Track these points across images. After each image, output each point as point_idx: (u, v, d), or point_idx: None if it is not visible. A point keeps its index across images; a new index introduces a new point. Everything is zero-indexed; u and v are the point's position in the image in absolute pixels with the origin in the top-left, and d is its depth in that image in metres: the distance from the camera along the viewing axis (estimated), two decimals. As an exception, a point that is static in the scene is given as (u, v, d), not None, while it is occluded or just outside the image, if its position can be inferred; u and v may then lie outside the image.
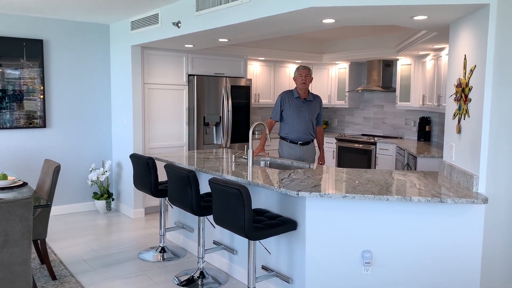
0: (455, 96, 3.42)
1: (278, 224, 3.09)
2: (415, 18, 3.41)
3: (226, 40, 4.84)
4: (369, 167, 6.89)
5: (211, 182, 3.14)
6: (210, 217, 3.98)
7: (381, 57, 6.99)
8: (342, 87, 7.76)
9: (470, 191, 2.99)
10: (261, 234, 2.98)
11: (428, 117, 6.77)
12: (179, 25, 4.49)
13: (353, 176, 3.47)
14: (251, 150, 3.96)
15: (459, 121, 3.37)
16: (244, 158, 4.29)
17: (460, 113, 3.36)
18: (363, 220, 3.04)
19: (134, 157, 4.28)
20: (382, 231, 3.04)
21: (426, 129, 6.74)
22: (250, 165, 3.94)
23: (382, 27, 6.09)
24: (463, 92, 3.27)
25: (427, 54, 6.05)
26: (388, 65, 7.27)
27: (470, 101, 3.18)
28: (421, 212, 2.98)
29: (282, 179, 3.31)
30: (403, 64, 6.79)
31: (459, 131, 3.30)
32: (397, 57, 6.76)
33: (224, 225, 3.13)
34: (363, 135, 7.61)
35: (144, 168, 4.13)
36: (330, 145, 7.48)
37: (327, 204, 3.06)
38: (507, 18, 2.83)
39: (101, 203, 5.93)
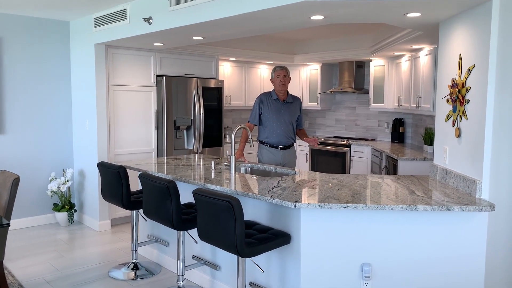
0: (449, 97, 3.28)
1: (271, 238, 2.82)
2: (408, 15, 3.25)
3: (201, 38, 4.52)
4: (343, 170, 6.75)
5: (196, 194, 2.83)
6: (191, 231, 3.64)
7: (353, 58, 6.87)
8: (314, 89, 7.59)
9: (472, 197, 2.84)
10: (254, 251, 2.69)
11: (402, 118, 6.71)
12: (151, 21, 4.14)
13: (345, 182, 3.25)
14: (233, 156, 3.66)
15: (454, 124, 3.23)
16: (226, 165, 3.98)
17: (455, 115, 3.21)
18: (362, 231, 2.83)
19: (102, 166, 3.88)
20: (382, 242, 2.83)
21: (400, 131, 6.68)
22: (233, 173, 3.64)
23: (355, 27, 5.95)
24: (459, 93, 3.13)
25: (403, 55, 5.97)
26: (360, 66, 7.17)
27: (467, 103, 3.03)
28: (424, 221, 2.80)
29: (272, 188, 3.04)
30: (376, 65, 6.70)
31: (459, 135, 3.14)
32: (370, 58, 6.66)
33: (211, 241, 2.82)
34: (335, 137, 7.48)
35: (114, 178, 3.74)
36: (303, 148, 7.29)
37: (324, 214, 2.82)
38: (511, 15, 2.69)
39: (63, 215, 5.44)
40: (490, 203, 2.66)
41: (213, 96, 6.19)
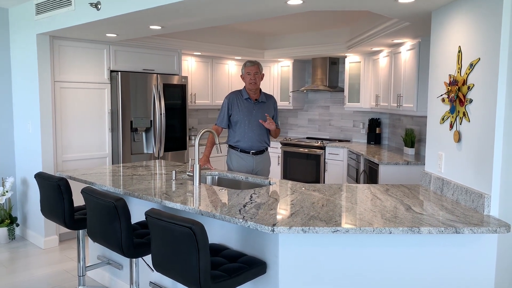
0: (447, 96, 2.85)
1: (243, 269, 2.29)
2: (400, 0, 2.79)
3: (159, 27, 3.94)
4: (318, 174, 6.30)
5: (149, 216, 2.28)
6: (147, 257, 3.07)
7: (327, 54, 6.43)
8: (286, 87, 7.11)
9: (479, 213, 2.41)
10: (222, 287, 2.17)
11: (378, 118, 6.33)
12: (99, 6, 3.53)
13: (329, 196, 2.77)
14: (197, 165, 3.12)
15: (452, 126, 2.80)
16: (189, 175, 3.43)
17: (453, 117, 2.79)
18: (352, 258, 2.35)
19: (40, 177, 3.25)
20: (377, 270, 2.36)
21: (377, 132, 6.30)
22: (197, 185, 3.10)
23: (331, 19, 5.51)
24: (459, 91, 2.70)
25: (380, 51, 5.57)
26: (334, 63, 6.75)
27: (470, 102, 2.61)
28: (426, 244, 2.34)
29: (244, 205, 2.52)
30: (352, 62, 6.28)
31: (459, 139, 2.71)
32: (345, 54, 6.23)
33: (169, 275, 2.27)
34: (308, 138, 7.03)
35: (54, 192, 3.13)
36: (275, 150, 6.80)
37: (308, 239, 2.32)
38: (526, -1, 2.28)
39: (2, 231, 4.74)
40: (504, 223, 2.23)
41: (176, 94, 5.61)
